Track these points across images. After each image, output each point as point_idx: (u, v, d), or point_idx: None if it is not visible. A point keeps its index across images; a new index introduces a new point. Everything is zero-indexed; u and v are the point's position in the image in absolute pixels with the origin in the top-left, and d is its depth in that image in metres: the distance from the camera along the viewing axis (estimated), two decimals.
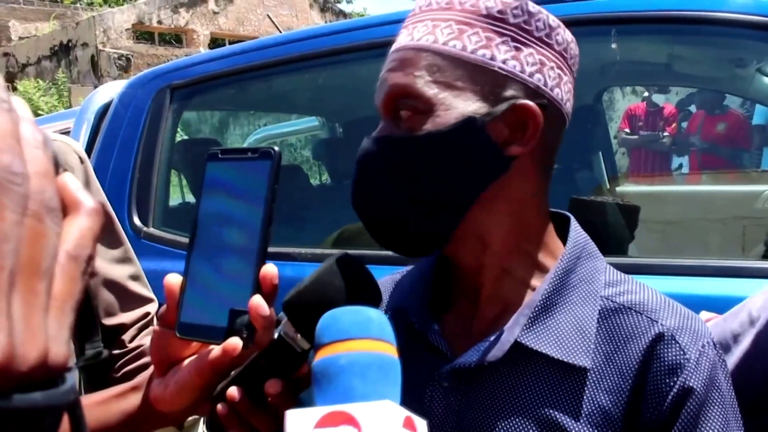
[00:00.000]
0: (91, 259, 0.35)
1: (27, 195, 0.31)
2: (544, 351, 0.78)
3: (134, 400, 0.78)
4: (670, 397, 0.75)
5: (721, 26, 1.52)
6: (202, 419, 1.97)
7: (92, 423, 0.77)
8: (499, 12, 0.80)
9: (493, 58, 0.79)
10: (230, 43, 18.70)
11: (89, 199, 0.36)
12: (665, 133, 7.08)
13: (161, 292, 0.73)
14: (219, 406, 0.75)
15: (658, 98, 7.25)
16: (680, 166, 6.81)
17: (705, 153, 6.20)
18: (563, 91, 0.82)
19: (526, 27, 0.81)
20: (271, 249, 0.68)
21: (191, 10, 17.38)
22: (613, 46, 1.69)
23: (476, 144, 0.79)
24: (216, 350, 0.68)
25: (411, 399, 0.64)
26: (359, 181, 0.84)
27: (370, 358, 0.64)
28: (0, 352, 0.29)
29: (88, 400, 0.81)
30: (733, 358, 1.06)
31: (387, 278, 0.98)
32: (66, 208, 0.35)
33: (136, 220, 1.98)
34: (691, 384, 0.75)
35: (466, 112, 0.78)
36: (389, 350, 0.66)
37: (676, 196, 3.55)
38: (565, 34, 0.83)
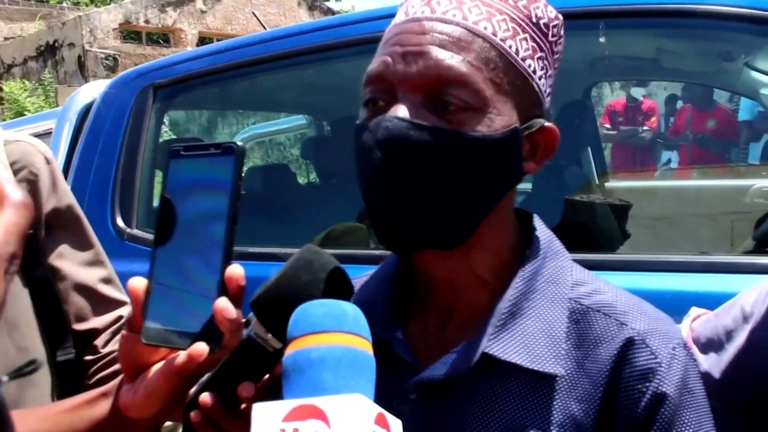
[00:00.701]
0: (14, 257, 0.32)
1: None
2: (513, 360, 0.75)
3: (104, 407, 0.76)
4: (643, 403, 0.73)
5: (710, 19, 1.52)
6: (180, 427, 1.95)
7: (60, 431, 0.75)
8: (545, 25, 0.78)
9: (534, 72, 0.77)
10: (218, 42, 18.67)
11: (17, 191, 0.33)
12: (645, 128, 7.15)
13: None
14: (192, 414, 0.73)
15: (637, 93, 7.32)
16: (669, 161, 6.84)
17: (694, 148, 6.23)
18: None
19: (555, 48, 0.80)
20: (257, 250, 0.66)
21: (179, 9, 17.29)
22: (602, 39, 1.67)
23: (513, 156, 0.77)
24: (182, 356, 0.67)
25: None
26: (382, 169, 0.73)
27: (343, 352, 0.63)
28: None
29: (56, 408, 0.80)
30: (726, 356, 1.05)
31: (358, 279, 0.93)
32: None
33: (120, 222, 1.95)
34: (663, 389, 0.73)
35: (512, 121, 0.75)
36: (364, 346, 0.64)
37: (665, 191, 3.55)
38: (562, 47, 0.83)
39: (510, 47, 0.75)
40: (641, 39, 2.14)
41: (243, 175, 0.69)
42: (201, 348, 0.65)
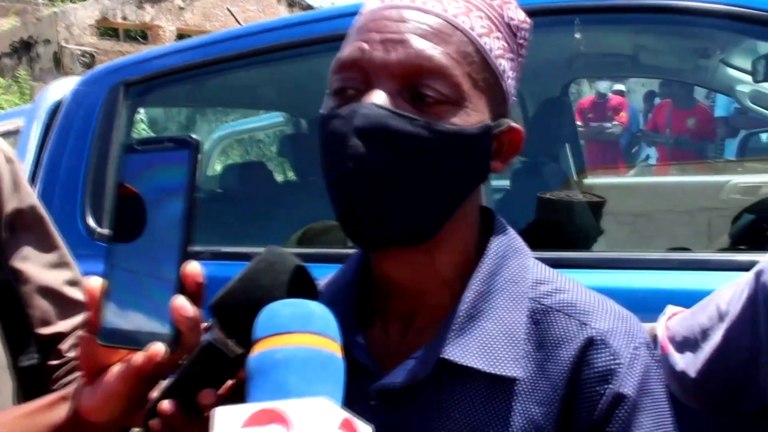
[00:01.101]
0: None
1: None
2: (471, 365, 0.73)
3: (62, 411, 0.74)
4: (600, 405, 0.72)
5: (686, 15, 1.51)
6: None
7: None
8: (515, 27, 0.78)
9: (504, 72, 0.76)
10: None
11: None
12: (614, 123, 7.25)
13: None
14: (152, 422, 0.70)
15: (605, 88, 7.42)
16: (647, 157, 6.91)
17: (673, 146, 6.30)
18: None
19: (521, 51, 0.80)
20: (232, 249, 0.64)
21: (156, 6, 17.14)
22: (577, 35, 1.66)
23: (484, 153, 0.76)
24: (138, 356, 0.64)
25: None
26: (352, 156, 0.70)
27: (310, 354, 0.61)
28: None
29: (13, 413, 0.77)
30: (702, 355, 1.04)
31: (323, 280, 0.91)
32: None
33: (90, 221, 1.92)
34: (622, 391, 0.72)
35: (485, 118, 0.74)
36: (332, 347, 0.62)
37: (643, 187, 3.58)
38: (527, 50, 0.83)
39: (485, 44, 0.74)
40: (619, 35, 2.15)
41: (217, 173, 0.66)
42: (158, 348, 0.63)
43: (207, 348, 0.71)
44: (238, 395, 0.71)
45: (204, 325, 0.73)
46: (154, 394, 0.74)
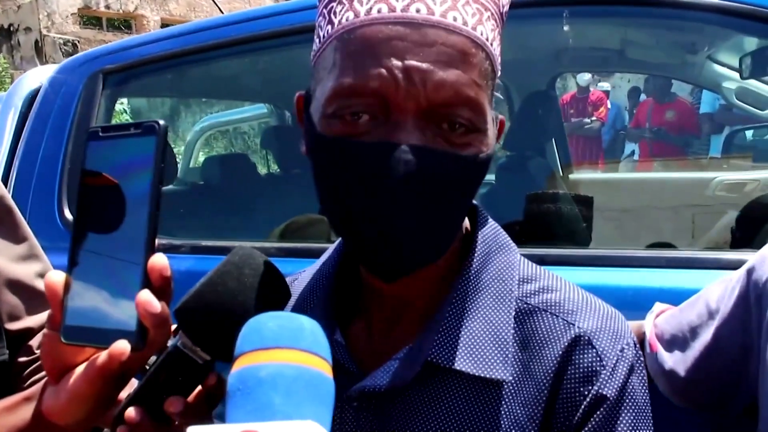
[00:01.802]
0: None
1: None
2: (457, 368, 0.71)
3: (26, 412, 0.71)
4: (582, 405, 0.70)
5: (675, 8, 1.50)
6: None
7: None
8: (505, 14, 0.73)
9: (498, 64, 0.72)
10: None
11: None
12: (593, 118, 7.30)
13: None
14: (119, 429, 0.67)
15: (586, 83, 7.47)
16: (632, 152, 6.95)
17: (654, 140, 6.34)
18: None
19: (503, 18, 0.73)
20: (213, 243, 0.61)
21: None
22: (565, 28, 1.64)
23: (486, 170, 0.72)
24: (103, 355, 0.61)
25: None
26: (398, 201, 0.66)
27: (298, 373, 0.55)
28: None
29: None
30: (692, 352, 1.03)
31: (290, 277, 0.87)
32: None
33: (67, 213, 1.87)
34: (604, 392, 0.70)
35: (494, 130, 0.72)
36: (322, 367, 0.57)
37: (629, 183, 3.58)
38: None
39: (495, 50, 0.69)
40: (606, 29, 2.13)
41: (198, 165, 0.63)
42: (122, 346, 0.60)
43: (173, 353, 0.68)
44: (206, 404, 0.68)
45: (173, 327, 0.70)
46: (123, 396, 0.71)
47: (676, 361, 1.06)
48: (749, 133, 4.54)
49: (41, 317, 1.04)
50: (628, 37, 2.23)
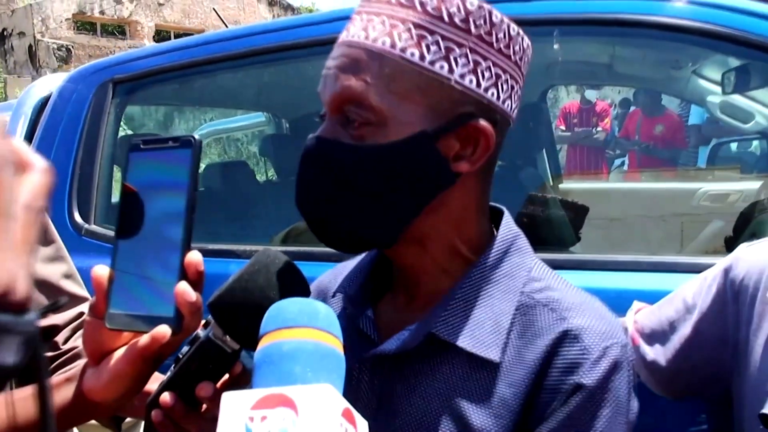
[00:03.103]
0: (43, 211, 0.40)
1: None
2: (456, 343, 0.80)
3: (67, 391, 0.78)
4: (562, 393, 0.76)
5: (660, 30, 1.57)
6: (142, 423, 1.95)
7: (27, 415, 0.76)
8: (462, 20, 0.77)
9: (450, 71, 0.77)
10: (175, 35, 18.37)
11: (40, 159, 0.40)
12: (598, 129, 7.32)
13: None
14: (153, 413, 0.76)
15: (591, 95, 7.49)
16: (622, 163, 7.03)
17: (644, 153, 6.40)
18: (513, 101, 0.82)
19: (487, 38, 0.78)
20: (219, 246, 0.68)
21: (135, 1, 17.01)
22: (555, 46, 1.72)
23: (425, 159, 0.78)
24: (145, 338, 0.69)
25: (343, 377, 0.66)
26: (303, 181, 0.82)
27: (314, 347, 0.65)
28: None
29: (21, 393, 0.80)
30: (671, 345, 1.11)
31: (340, 265, 1.00)
32: (18, 167, 0.39)
33: (77, 217, 1.93)
34: (583, 381, 0.76)
35: (418, 126, 0.77)
36: (335, 343, 0.66)
37: (618, 193, 3.65)
38: (523, 42, 0.82)
39: (412, 55, 0.76)
40: (594, 45, 2.21)
41: (200, 171, 0.72)
42: (163, 330, 0.68)
43: (205, 343, 0.76)
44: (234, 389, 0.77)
45: (202, 322, 0.78)
46: (156, 387, 0.79)
47: (657, 353, 1.14)
48: (734, 145, 4.64)
49: (66, 315, 1.11)
50: (616, 52, 2.31)
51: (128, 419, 1.27)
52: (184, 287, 0.68)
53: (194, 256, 0.70)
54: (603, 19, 1.61)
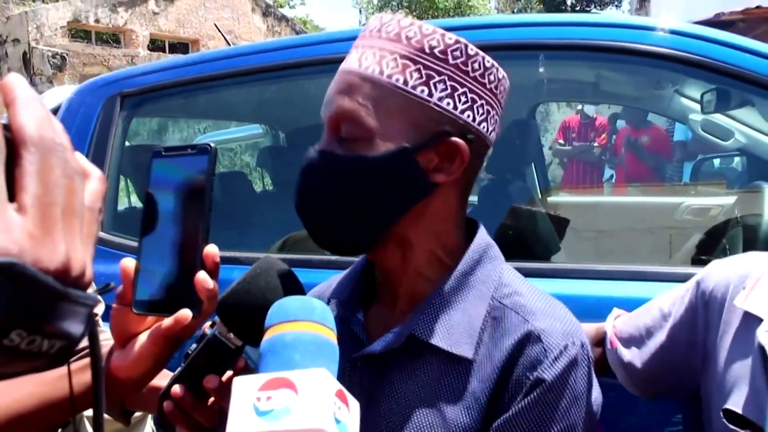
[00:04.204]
0: (101, 211, 0.48)
1: (65, 159, 0.43)
2: (434, 343, 0.89)
3: None
4: (524, 388, 0.84)
5: (643, 57, 1.68)
6: (150, 416, 2.02)
7: (58, 393, 0.85)
8: (441, 52, 0.89)
9: (430, 95, 0.88)
10: (170, 44, 18.43)
11: (96, 168, 0.48)
12: (595, 144, 7.39)
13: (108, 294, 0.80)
14: (165, 403, 0.85)
15: (590, 110, 7.56)
16: (612, 176, 7.13)
17: (630, 160, 6.50)
18: (489, 123, 0.93)
19: (463, 68, 0.89)
20: (222, 254, 0.78)
21: (130, 10, 17.03)
22: (541, 70, 1.83)
23: (405, 170, 0.88)
24: (169, 320, 0.78)
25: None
26: (302, 188, 0.92)
27: (311, 338, 0.74)
28: (60, 261, 0.41)
29: (53, 374, 0.87)
30: (647, 349, 1.21)
31: (334, 276, 1.11)
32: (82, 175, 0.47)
33: None
34: (543, 376, 0.84)
35: (401, 141, 0.88)
36: (329, 334, 0.76)
37: (606, 206, 3.73)
38: (498, 73, 0.92)
39: (397, 80, 0.87)
40: (580, 67, 2.31)
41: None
42: (186, 313, 0.77)
43: (211, 340, 0.86)
44: None
45: (208, 322, 0.88)
46: (167, 381, 0.88)
47: (633, 356, 1.23)
48: (717, 162, 4.75)
49: None
50: (601, 72, 2.41)
51: (137, 413, 1.35)
52: (203, 276, 0.77)
53: (211, 249, 0.79)
54: (586, 45, 1.71)
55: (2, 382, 0.84)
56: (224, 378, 0.87)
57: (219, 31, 2.96)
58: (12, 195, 0.40)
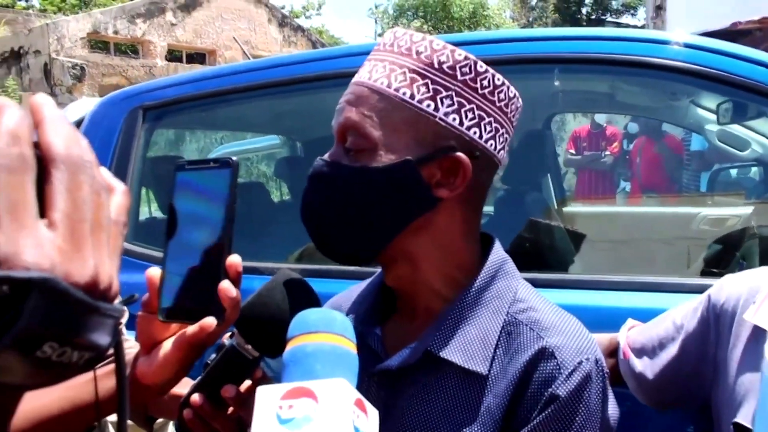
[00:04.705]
0: (125, 225, 0.49)
1: (93, 175, 0.44)
2: (449, 359, 0.89)
3: None
4: (540, 404, 0.84)
5: (658, 70, 1.70)
6: (171, 423, 2.05)
7: (84, 398, 0.87)
8: (449, 68, 0.89)
9: (436, 110, 0.88)
10: (187, 55, 18.61)
11: (120, 183, 0.49)
12: (606, 153, 7.38)
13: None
14: (185, 411, 0.88)
15: (601, 119, 7.55)
16: (626, 187, 7.10)
17: (645, 170, 6.47)
18: (498, 142, 0.92)
19: (472, 84, 0.90)
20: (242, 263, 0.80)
21: (148, 21, 17.23)
22: (556, 83, 1.85)
23: (407, 183, 0.89)
24: (194, 327, 0.79)
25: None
26: (308, 196, 0.94)
27: (332, 348, 0.76)
28: (90, 275, 0.42)
29: (78, 379, 0.88)
30: (659, 360, 1.22)
31: (353, 288, 1.11)
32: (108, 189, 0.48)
33: None
34: (557, 393, 0.84)
35: (405, 154, 0.88)
36: (349, 345, 0.77)
37: (622, 216, 3.73)
38: (508, 92, 0.93)
39: (404, 94, 0.88)
40: (595, 79, 2.33)
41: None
42: (210, 320, 0.78)
43: (229, 351, 0.89)
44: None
45: (227, 334, 0.90)
46: (187, 390, 0.91)
47: (645, 366, 1.25)
48: (734, 172, 4.73)
49: None
50: (617, 84, 2.43)
51: (159, 420, 1.38)
52: (227, 285, 0.78)
53: (234, 259, 0.79)
54: (601, 58, 1.74)
55: None
56: (242, 388, 0.89)
57: (238, 43, 3.01)
58: (42, 211, 0.41)
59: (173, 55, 18.30)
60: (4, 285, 0.38)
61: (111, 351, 0.52)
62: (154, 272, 0.82)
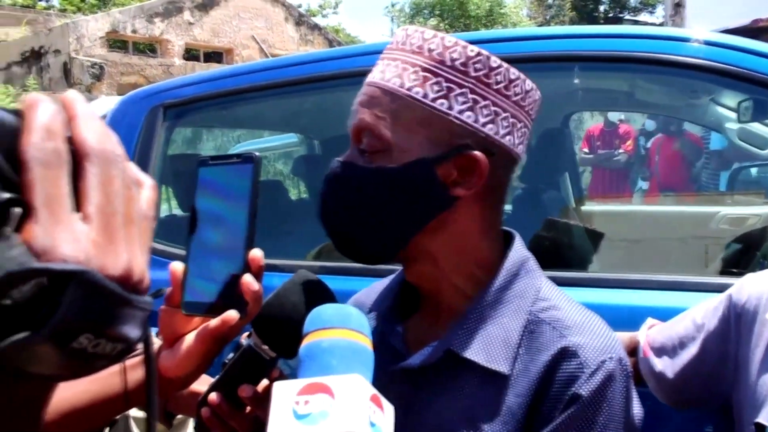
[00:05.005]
0: (155, 219, 0.49)
1: (123, 170, 0.45)
2: (471, 358, 0.88)
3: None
4: (562, 403, 0.84)
5: (678, 68, 1.69)
6: (191, 420, 2.07)
7: (110, 390, 0.87)
8: (462, 64, 0.88)
9: (450, 108, 0.87)
10: (204, 54, 18.71)
11: (148, 178, 0.50)
12: (620, 151, 7.35)
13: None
14: (203, 410, 0.89)
15: (614, 117, 7.52)
16: (643, 186, 7.06)
17: (663, 168, 6.43)
18: (516, 137, 0.91)
19: (486, 80, 0.88)
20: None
21: (166, 21, 17.34)
22: (575, 81, 1.85)
23: (423, 183, 0.88)
24: (216, 320, 0.80)
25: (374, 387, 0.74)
26: (325, 197, 0.94)
27: (347, 344, 0.77)
28: (123, 267, 0.43)
29: (105, 372, 0.88)
30: (680, 360, 1.22)
31: (376, 284, 1.11)
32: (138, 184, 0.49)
33: None
34: (579, 392, 0.83)
35: (420, 153, 0.88)
36: (365, 341, 0.78)
37: (640, 215, 3.71)
38: (524, 85, 0.91)
39: (417, 93, 0.88)
40: (615, 77, 2.32)
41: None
42: (233, 314, 0.79)
43: (247, 350, 0.90)
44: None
45: (245, 333, 0.91)
46: (205, 388, 0.92)
47: (665, 365, 1.24)
48: (754, 170, 4.68)
49: None
50: (636, 82, 2.42)
51: (179, 416, 1.40)
52: (249, 279, 0.78)
53: (256, 253, 0.79)
54: (620, 56, 1.73)
55: None
56: (259, 388, 0.89)
57: (257, 42, 3.03)
58: (76, 205, 0.42)
59: (190, 54, 18.41)
60: (44, 277, 0.38)
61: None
62: (178, 266, 0.82)
